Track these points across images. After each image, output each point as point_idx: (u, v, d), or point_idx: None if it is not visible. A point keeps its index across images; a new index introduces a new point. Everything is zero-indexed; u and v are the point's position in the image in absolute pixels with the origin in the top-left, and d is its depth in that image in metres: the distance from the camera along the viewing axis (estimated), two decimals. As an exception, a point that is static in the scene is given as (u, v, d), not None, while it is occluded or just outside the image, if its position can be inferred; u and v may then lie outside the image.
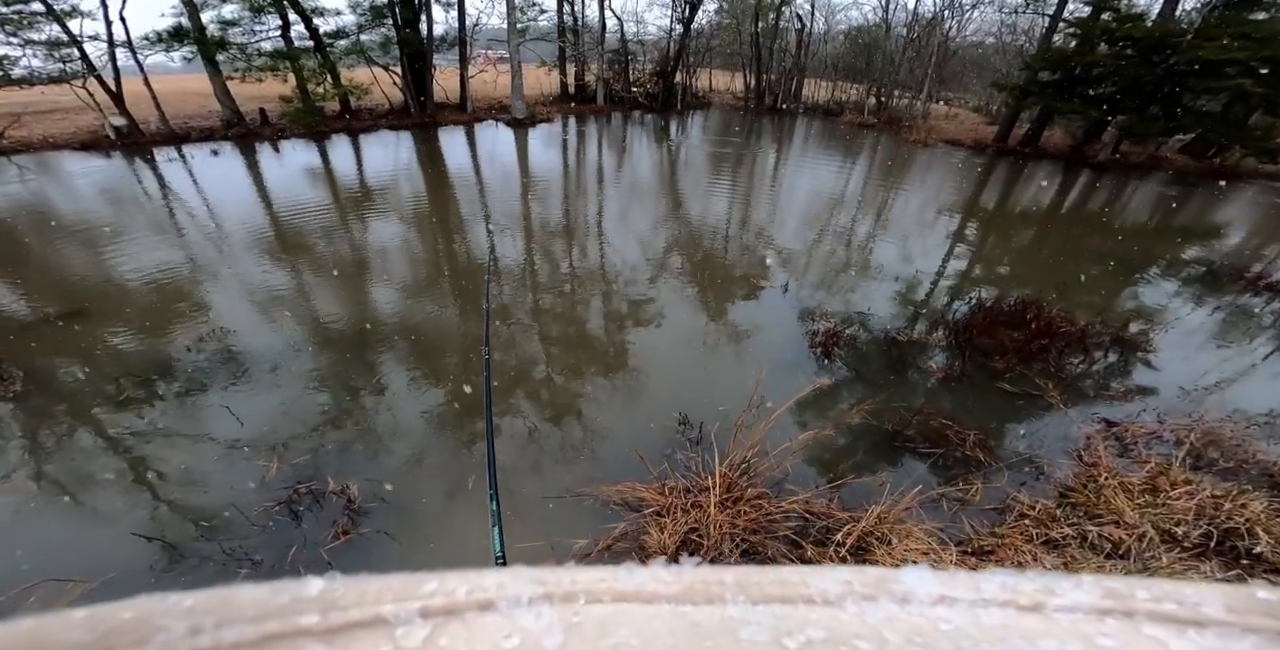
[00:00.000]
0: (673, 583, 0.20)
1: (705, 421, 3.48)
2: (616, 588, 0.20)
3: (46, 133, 12.37)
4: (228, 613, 0.17)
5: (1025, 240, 8.23)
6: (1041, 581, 0.19)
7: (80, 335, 4.54)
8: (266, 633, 0.17)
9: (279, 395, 3.79)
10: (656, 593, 0.20)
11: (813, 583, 0.20)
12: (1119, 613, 0.18)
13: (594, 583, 0.20)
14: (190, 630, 0.17)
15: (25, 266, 5.87)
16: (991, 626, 0.17)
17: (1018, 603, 0.18)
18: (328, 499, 2.90)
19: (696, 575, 0.21)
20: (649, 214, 8.50)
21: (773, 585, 0.20)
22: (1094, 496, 2.96)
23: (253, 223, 7.46)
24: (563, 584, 0.20)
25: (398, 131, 15.15)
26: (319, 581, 0.19)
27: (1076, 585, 0.19)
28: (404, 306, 5.24)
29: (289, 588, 0.19)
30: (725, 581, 0.20)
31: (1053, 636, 0.17)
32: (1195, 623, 0.17)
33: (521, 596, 0.19)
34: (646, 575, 0.21)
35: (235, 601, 0.18)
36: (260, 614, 0.18)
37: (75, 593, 2.35)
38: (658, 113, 20.57)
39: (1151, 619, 0.17)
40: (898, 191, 10.59)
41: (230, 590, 0.18)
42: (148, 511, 2.85)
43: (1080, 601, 0.18)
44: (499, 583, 0.20)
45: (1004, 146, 15.69)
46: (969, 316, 4.85)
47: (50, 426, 3.46)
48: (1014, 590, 0.19)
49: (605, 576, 0.20)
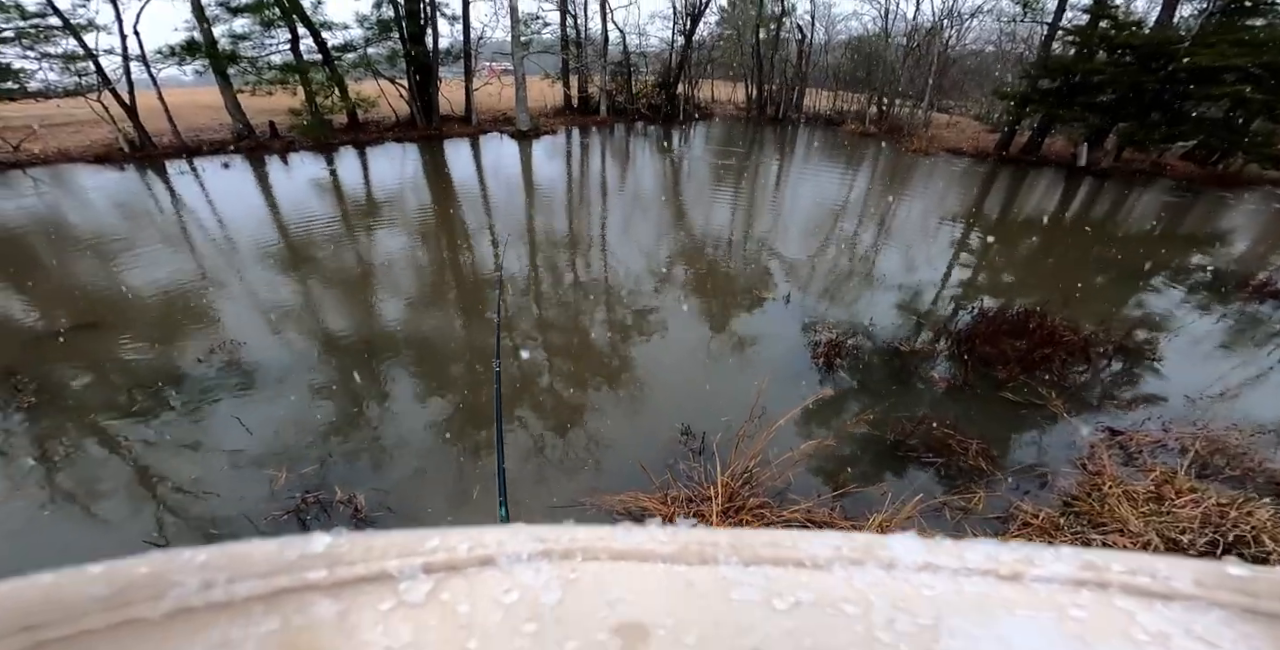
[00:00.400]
0: (668, 543, 0.20)
1: (708, 432, 3.49)
2: (614, 546, 0.20)
3: (61, 145, 12.59)
4: (239, 568, 0.18)
5: (1028, 249, 8.24)
6: (1023, 552, 0.20)
7: (92, 347, 4.61)
8: (276, 587, 0.18)
9: (287, 406, 3.84)
10: (652, 551, 0.20)
11: (803, 546, 0.20)
12: (1094, 584, 0.18)
13: (592, 541, 0.20)
14: (203, 584, 0.18)
15: (39, 278, 5.97)
16: (972, 594, 0.18)
17: (998, 572, 0.19)
18: (335, 508, 2.94)
19: (691, 536, 0.21)
20: (652, 225, 8.57)
21: (765, 547, 0.20)
22: (1098, 505, 2.95)
23: (262, 235, 7.56)
24: (561, 542, 0.20)
25: (404, 144, 15.34)
26: (326, 537, 0.20)
27: (1056, 557, 0.19)
28: (410, 318, 5.30)
29: (297, 544, 0.19)
30: (719, 543, 0.20)
31: (1029, 606, 0.18)
32: (1164, 596, 0.18)
33: (521, 553, 0.20)
34: (643, 535, 0.21)
35: (246, 557, 0.19)
36: (270, 569, 0.18)
37: None
38: (660, 124, 20.76)
39: (1124, 591, 0.18)
40: (900, 201, 10.64)
41: (241, 546, 0.19)
42: (158, 520, 2.89)
43: (1058, 573, 0.19)
44: (499, 540, 0.20)
45: (1006, 155, 15.73)
46: (972, 326, 4.86)
47: (62, 437, 3.52)
48: (995, 560, 0.19)
49: (603, 535, 0.21)
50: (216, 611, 0.17)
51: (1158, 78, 12.22)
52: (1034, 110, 14.77)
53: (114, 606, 0.17)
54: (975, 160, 15.57)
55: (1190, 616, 0.17)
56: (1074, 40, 13.90)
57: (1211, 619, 0.17)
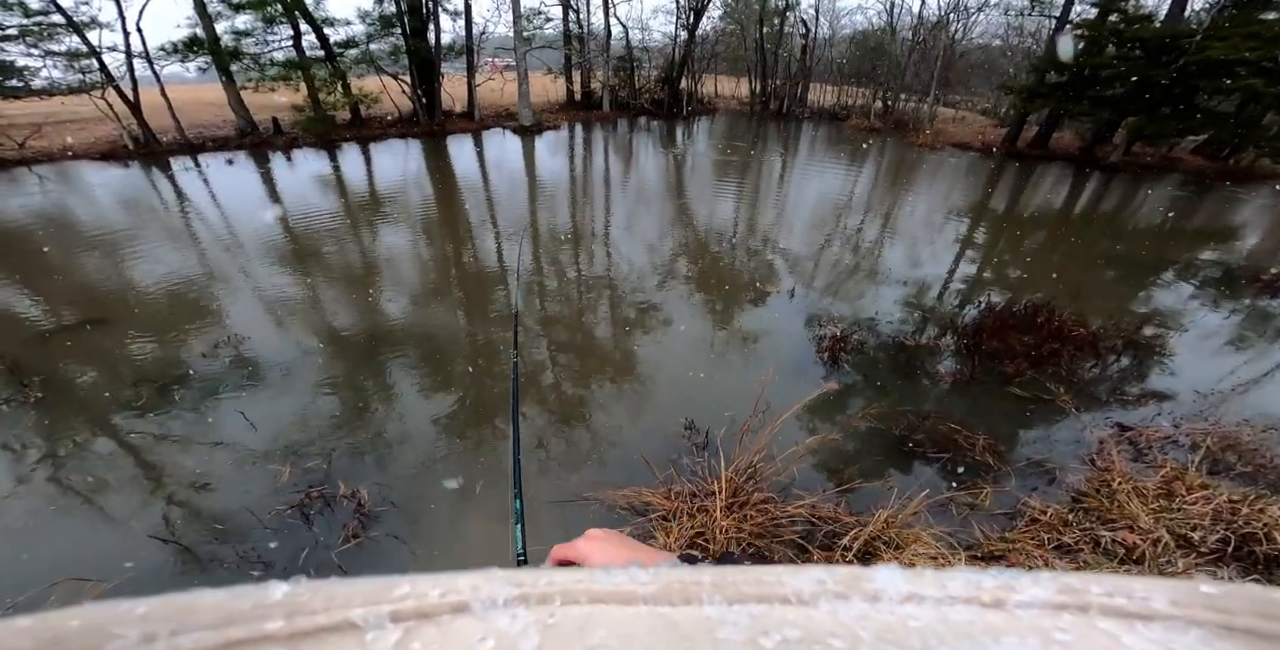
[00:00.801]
0: (650, 583, 0.20)
1: (712, 427, 3.48)
2: (593, 589, 0.19)
3: (66, 143, 12.64)
4: (185, 619, 0.17)
5: (1036, 243, 8.16)
6: (1002, 579, 0.20)
7: (98, 342, 4.63)
8: (228, 639, 0.16)
9: (291, 401, 3.84)
10: (633, 593, 0.19)
11: (788, 582, 0.20)
12: (1074, 607, 0.18)
13: (570, 584, 0.20)
14: (144, 638, 0.16)
15: (45, 275, 5.99)
16: (957, 623, 0.18)
17: (980, 599, 0.19)
18: (338, 503, 2.93)
19: (673, 576, 0.20)
20: (656, 220, 8.54)
21: (749, 585, 0.20)
22: (1107, 501, 2.92)
23: (266, 231, 7.56)
24: (538, 585, 0.19)
25: (407, 140, 15.34)
26: (283, 586, 0.18)
27: (1034, 582, 0.19)
28: (413, 313, 5.30)
29: (251, 593, 0.18)
30: (702, 582, 0.20)
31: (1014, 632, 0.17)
32: (1144, 616, 0.18)
33: (496, 598, 0.19)
34: (624, 576, 0.20)
35: (194, 607, 0.17)
36: (220, 620, 0.17)
37: (94, 591, 2.40)
38: (663, 119, 20.69)
39: (1104, 613, 0.18)
40: (905, 195, 10.56)
41: (188, 596, 0.18)
42: (163, 514, 2.89)
43: (1038, 597, 0.19)
44: (473, 585, 0.19)
45: (1013, 149, 15.60)
46: (979, 320, 4.81)
47: (68, 432, 3.53)
48: (977, 587, 0.19)
49: (582, 577, 0.20)
50: None
51: (1168, 72, 12.07)
52: (1041, 104, 14.63)
53: None
54: (982, 155, 15.45)
55: (1170, 636, 0.17)
56: (1083, 34, 13.74)
57: (1191, 638, 0.17)
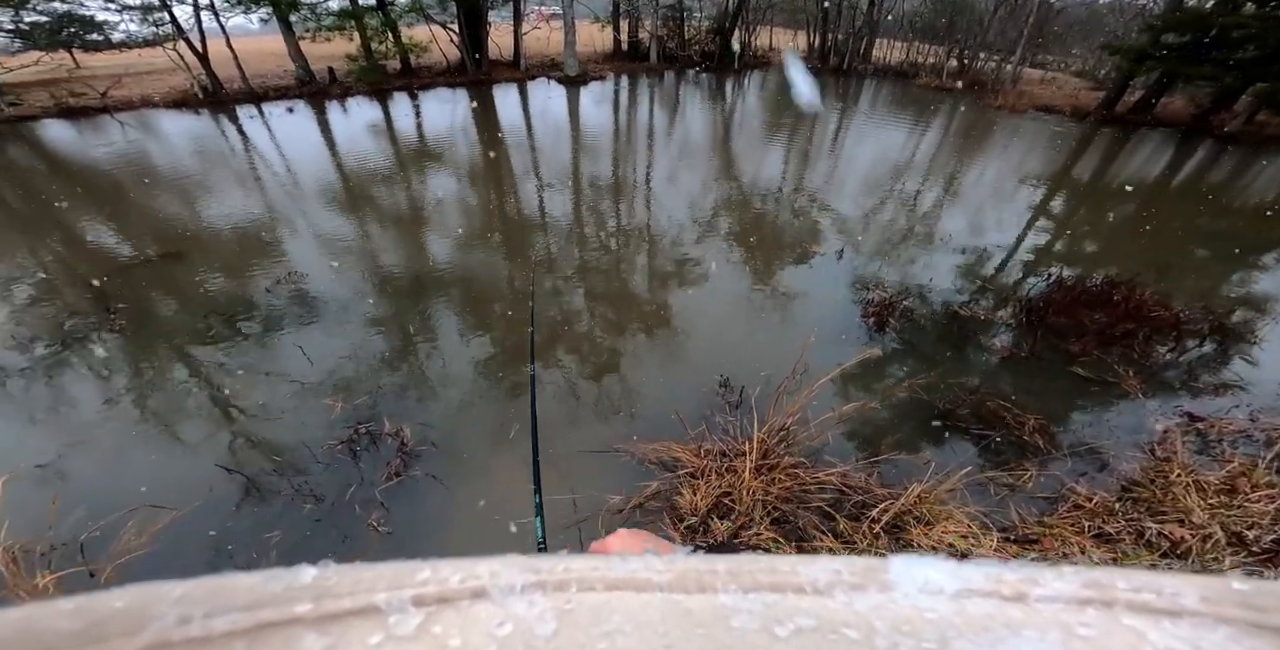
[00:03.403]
0: (665, 571, 0.20)
1: (746, 386, 3.44)
2: (609, 576, 0.20)
3: (143, 92, 13.26)
4: (220, 601, 0.18)
5: (1122, 216, 7.43)
6: (1025, 572, 0.19)
7: (174, 275, 5.01)
8: (260, 621, 0.17)
9: (343, 337, 4.07)
10: (649, 581, 0.20)
11: (803, 572, 0.20)
12: (1099, 602, 0.18)
13: (587, 571, 0.20)
14: (181, 619, 0.17)
15: (127, 213, 6.45)
16: (976, 616, 0.18)
17: (1001, 592, 0.19)
18: (383, 440, 3.11)
19: (689, 564, 0.21)
20: (699, 174, 8.30)
21: (764, 574, 0.20)
22: (1160, 493, 2.76)
23: (323, 176, 7.86)
24: (555, 572, 0.20)
25: (454, 89, 15.31)
26: (312, 570, 0.19)
27: (1059, 576, 0.19)
28: (457, 257, 5.46)
29: (282, 576, 0.19)
30: (717, 570, 0.20)
31: (1034, 626, 0.17)
32: (1171, 613, 0.17)
33: (515, 584, 0.19)
34: (639, 564, 0.21)
35: (228, 590, 0.18)
36: (253, 602, 0.18)
37: (166, 519, 2.57)
38: (713, 72, 19.61)
39: (1130, 609, 0.18)
40: (974, 158, 9.76)
41: (222, 578, 0.19)
42: (229, 443, 3.13)
43: (1062, 591, 0.18)
44: (492, 571, 0.20)
45: (1110, 114, 14.02)
46: (1046, 294, 4.48)
47: (148, 360, 3.86)
48: (998, 580, 0.19)
49: (598, 565, 0.20)
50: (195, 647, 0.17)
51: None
52: (1152, 67, 12.94)
53: (87, 642, 0.17)
54: (1072, 119, 13.98)
55: (1198, 633, 0.17)
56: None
57: (1219, 636, 0.17)
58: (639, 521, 2.65)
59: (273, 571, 0.19)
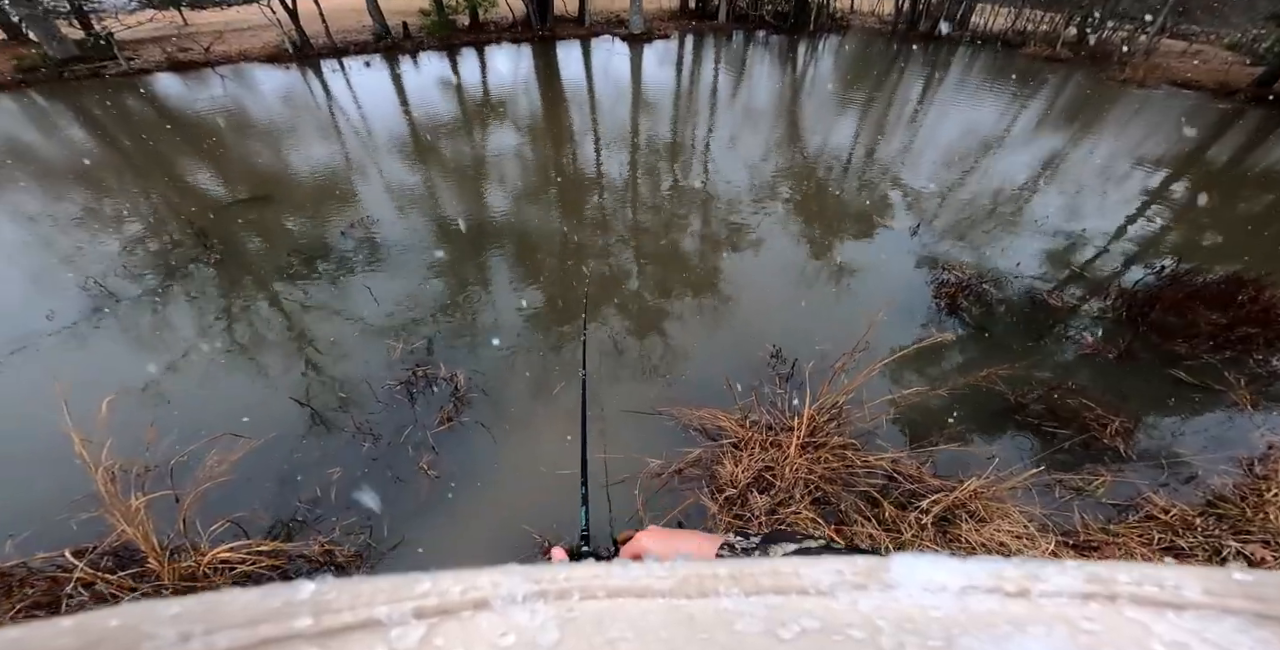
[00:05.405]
0: (666, 577, 0.20)
1: (799, 358, 3.32)
2: (610, 583, 0.20)
3: (241, 47, 13.97)
4: (217, 618, 0.18)
5: (1259, 207, 6.49)
6: (1026, 568, 0.19)
7: (262, 215, 5.39)
8: (260, 637, 0.17)
9: (406, 280, 4.26)
10: (650, 587, 0.20)
11: (804, 573, 0.20)
12: (1102, 596, 0.18)
13: (588, 579, 0.20)
14: (180, 637, 0.17)
15: (224, 159, 6.92)
16: (980, 613, 0.18)
17: (1004, 589, 0.19)
18: (439, 384, 3.25)
19: (690, 569, 0.21)
20: (762, 140, 7.93)
21: (765, 577, 0.20)
22: (1250, 511, 2.49)
23: (394, 128, 8.13)
24: (557, 581, 0.20)
25: (519, 44, 15.24)
26: (310, 584, 0.19)
27: (1060, 570, 0.19)
28: (515, 210, 5.58)
29: (280, 591, 0.19)
30: (719, 574, 0.20)
31: (1039, 621, 0.17)
32: (1175, 605, 0.17)
33: (516, 594, 0.19)
34: (640, 570, 0.21)
35: (225, 606, 0.18)
36: (251, 618, 0.18)
37: (245, 448, 2.64)
38: (786, 33, 18.32)
39: (1133, 602, 0.18)
40: (1083, 136, 8.73)
41: (219, 595, 0.18)
42: (301, 377, 3.35)
43: (1064, 586, 0.18)
44: (493, 581, 0.20)
45: (1263, 92, 12.07)
46: (1154, 288, 4.02)
47: (237, 293, 4.19)
48: (1000, 576, 0.19)
49: (599, 572, 0.20)
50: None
51: None
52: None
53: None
54: (1212, 96, 12.17)
55: (1203, 624, 0.17)
56: None
57: (1226, 627, 0.17)
58: (676, 488, 2.65)
59: (270, 587, 0.19)
